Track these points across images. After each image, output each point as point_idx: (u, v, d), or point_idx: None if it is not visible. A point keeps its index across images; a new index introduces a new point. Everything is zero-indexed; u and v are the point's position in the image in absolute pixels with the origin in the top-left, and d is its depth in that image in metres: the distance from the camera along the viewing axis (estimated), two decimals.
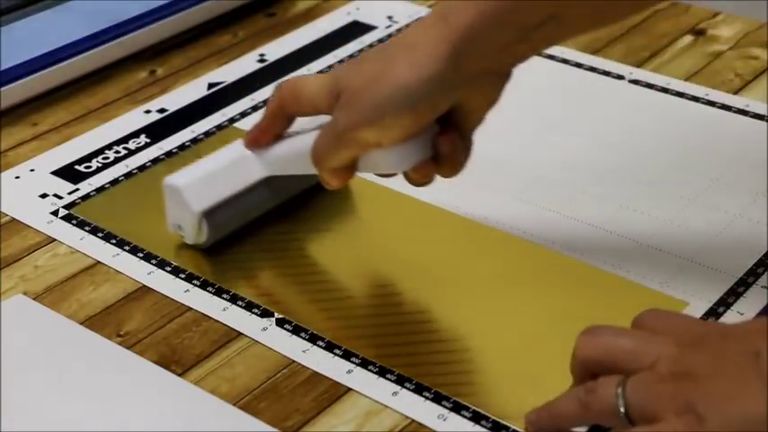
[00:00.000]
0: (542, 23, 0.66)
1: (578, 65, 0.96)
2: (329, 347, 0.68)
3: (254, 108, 0.91)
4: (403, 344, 0.69)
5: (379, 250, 0.76)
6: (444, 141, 0.70)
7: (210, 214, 0.74)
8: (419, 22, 0.68)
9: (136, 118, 0.91)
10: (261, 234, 0.77)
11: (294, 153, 0.73)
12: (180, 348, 0.69)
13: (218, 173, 0.75)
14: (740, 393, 0.52)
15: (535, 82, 0.94)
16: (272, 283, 0.74)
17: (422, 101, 0.66)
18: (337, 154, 0.69)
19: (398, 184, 0.75)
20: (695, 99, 0.91)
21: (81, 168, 0.85)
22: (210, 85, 0.95)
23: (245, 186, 0.75)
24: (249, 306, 0.71)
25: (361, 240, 0.77)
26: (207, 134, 0.89)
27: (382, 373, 0.66)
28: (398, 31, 1.01)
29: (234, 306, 0.72)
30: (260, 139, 0.74)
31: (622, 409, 0.54)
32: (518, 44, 0.67)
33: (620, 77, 0.94)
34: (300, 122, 0.74)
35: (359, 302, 0.72)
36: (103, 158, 0.86)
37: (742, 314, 0.70)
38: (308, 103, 0.71)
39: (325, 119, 0.70)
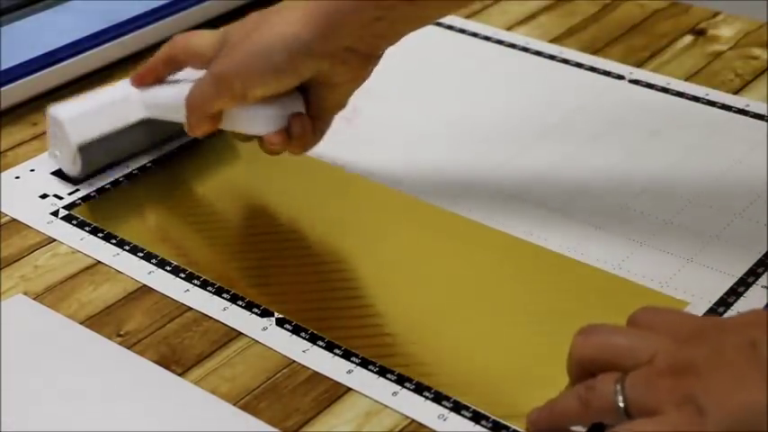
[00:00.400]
0: (397, 2, 0.70)
1: (578, 65, 0.96)
2: (329, 347, 0.68)
3: None
4: (401, 344, 0.69)
5: (379, 247, 0.77)
6: (295, 122, 0.75)
7: (86, 149, 0.80)
8: None
9: None
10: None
11: (172, 100, 0.77)
12: (180, 348, 0.69)
13: (101, 109, 0.80)
14: (739, 384, 0.52)
15: (535, 82, 0.94)
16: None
17: (285, 61, 0.71)
18: (208, 99, 0.74)
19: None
20: (695, 99, 0.91)
21: None
22: None
23: (122, 125, 0.80)
24: (249, 306, 0.71)
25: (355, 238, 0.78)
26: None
27: (382, 373, 0.66)
28: None
29: (234, 306, 0.72)
30: (144, 78, 0.80)
31: (621, 405, 0.54)
32: (378, 23, 0.71)
33: (620, 77, 0.94)
34: (185, 76, 0.79)
35: (357, 301, 0.72)
36: None
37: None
38: (198, 53, 0.76)
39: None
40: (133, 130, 0.81)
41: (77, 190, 0.82)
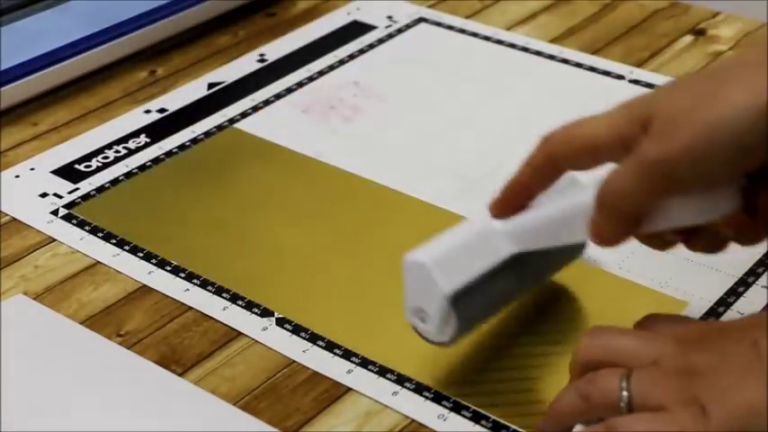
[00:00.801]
0: None
1: (578, 65, 0.96)
2: (329, 347, 0.68)
3: (255, 108, 0.91)
4: (401, 344, 0.69)
5: (381, 247, 0.77)
6: (766, 195, 0.57)
7: (459, 301, 0.61)
8: (755, 44, 0.59)
9: (136, 118, 0.91)
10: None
11: (566, 217, 0.59)
12: (180, 348, 0.69)
13: (465, 247, 0.61)
14: (741, 384, 0.52)
15: (535, 82, 0.94)
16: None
17: (757, 136, 0.53)
18: (638, 193, 0.56)
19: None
20: None
21: (81, 168, 0.85)
22: (210, 85, 0.95)
23: (494, 265, 0.62)
24: (249, 306, 0.71)
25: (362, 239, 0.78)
26: (207, 134, 0.89)
27: (382, 373, 0.66)
28: (399, 31, 1.01)
29: (234, 306, 0.72)
30: (518, 197, 0.61)
31: (625, 399, 0.54)
32: None
33: (620, 77, 0.94)
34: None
35: (358, 301, 0.72)
36: (103, 158, 0.86)
37: (742, 314, 0.70)
38: (593, 146, 0.57)
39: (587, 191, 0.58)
40: (501, 273, 0.62)
41: (77, 189, 0.82)
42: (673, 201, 0.56)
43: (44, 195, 0.82)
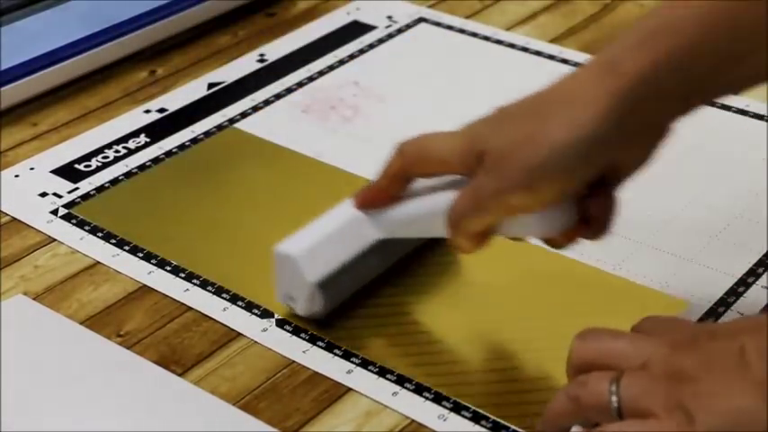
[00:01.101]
0: (727, 69, 0.60)
1: (578, 65, 0.95)
2: (329, 347, 0.68)
3: (255, 108, 0.91)
4: (405, 344, 0.69)
5: None
6: (595, 204, 0.64)
7: (325, 284, 0.68)
8: (579, 71, 0.63)
9: (136, 118, 0.91)
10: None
11: (421, 216, 0.67)
12: (180, 348, 0.69)
13: (331, 239, 0.68)
14: (726, 390, 0.52)
15: (535, 82, 0.94)
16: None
17: (579, 164, 0.60)
18: (479, 219, 0.64)
19: None
20: None
21: (81, 167, 0.85)
22: (210, 85, 0.95)
23: (357, 252, 0.69)
24: (249, 306, 0.71)
25: None
26: (207, 134, 0.89)
27: (382, 373, 0.66)
28: (399, 31, 1.01)
29: (234, 306, 0.72)
30: (375, 201, 0.68)
31: (615, 404, 0.54)
32: (693, 97, 0.61)
33: None
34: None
35: (357, 302, 0.72)
36: (103, 158, 0.86)
37: (742, 314, 0.70)
38: (438, 163, 0.65)
39: (446, 178, 0.66)
40: (368, 254, 0.69)
41: (77, 188, 0.82)
42: (517, 218, 0.64)
43: (44, 195, 0.82)
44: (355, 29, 1.02)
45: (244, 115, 0.91)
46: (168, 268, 0.75)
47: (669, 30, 0.61)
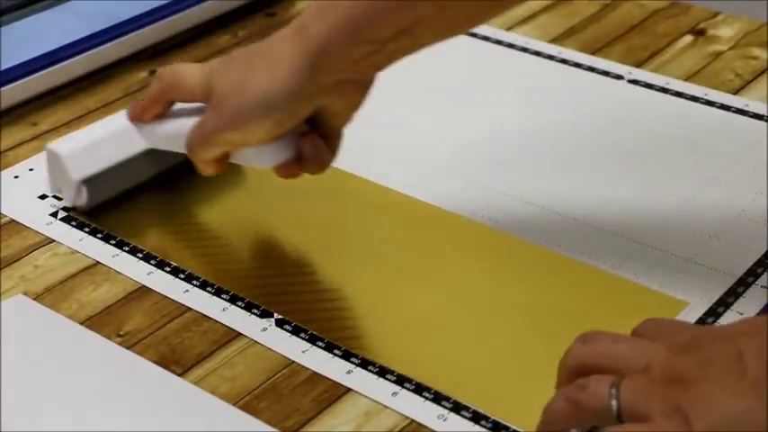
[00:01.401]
0: (394, 37, 0.68)
1: (578, 65, 0.96)
2: (329, 347, 0.68)
3: None
4: (402, 343, 0.69)
5: (380, 248, 0.77)
6: (305, 142, 0.73)
7: (91, 182, 0.78)
8: (283, 31, 0.71)
9: None
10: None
11: (173, 135, 0.76)
12: (180, 348, 0.69)
13: (101, 143, 0.78)
14: (723, 394, 0.52)
15: (535, 82, 0.94)
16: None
17: (280, 110, 0.70)
18: (207, 150, 0.73)
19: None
20: (695, 99, 0.91)
21: None
22: None
23: (124, 157, 0.79)
24: (249, 306, 0.71)
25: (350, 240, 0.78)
26: None
27: (382, 373, 0.66)
28: None
29: (234, 306, 0.72)
30: (142, 116, 0.78)
31: (614, 408, 0.55)
32: (372, 56, 0.69)
33: (620, 77, 0.94)
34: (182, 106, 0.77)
35: (357, 302, 0.72)
36: None
37: (742, 314, 0.70)
38: (187, 92, 0.74)
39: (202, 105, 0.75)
40: (139, 159, 0.79)
41: None
42: (241, 150, 0.73)
43: (43, 197, 0.82)
44: None
45: None
46: (168, 268, 0.75)
47: None
